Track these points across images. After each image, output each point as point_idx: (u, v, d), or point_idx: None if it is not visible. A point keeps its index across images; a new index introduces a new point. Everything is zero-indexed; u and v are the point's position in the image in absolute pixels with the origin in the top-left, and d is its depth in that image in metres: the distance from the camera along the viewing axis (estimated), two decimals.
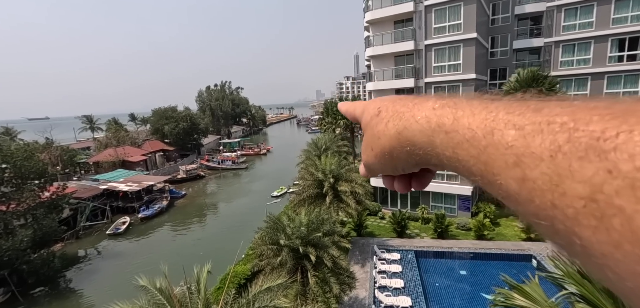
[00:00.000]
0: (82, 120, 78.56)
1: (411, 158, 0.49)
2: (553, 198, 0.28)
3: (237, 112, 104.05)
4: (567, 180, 0.27)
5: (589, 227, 0.26)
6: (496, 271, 18.62)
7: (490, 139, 0.35)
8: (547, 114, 0.31)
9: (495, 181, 0.34)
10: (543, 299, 6.29)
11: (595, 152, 0.26)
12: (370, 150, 0.57)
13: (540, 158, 0.30)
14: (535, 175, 0.30)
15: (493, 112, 0.37)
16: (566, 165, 0.27)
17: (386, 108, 0.54)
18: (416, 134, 0.46)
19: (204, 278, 9.40)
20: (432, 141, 0.43)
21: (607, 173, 0.25)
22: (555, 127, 0.30)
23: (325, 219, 16.02)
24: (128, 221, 34.67)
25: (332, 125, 36.80)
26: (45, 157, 36.53)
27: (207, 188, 50.01)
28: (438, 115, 0.43)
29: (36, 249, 24.13)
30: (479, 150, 0.36)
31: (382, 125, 0.53)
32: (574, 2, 25.01)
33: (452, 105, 0.42)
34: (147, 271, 10.14)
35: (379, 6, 26.62)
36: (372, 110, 0.57)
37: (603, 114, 0.28)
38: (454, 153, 0.40)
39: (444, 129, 0.41)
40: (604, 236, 0.25)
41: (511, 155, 0.32)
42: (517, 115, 0.34)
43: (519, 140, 0.32)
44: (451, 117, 0.41)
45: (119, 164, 49.60)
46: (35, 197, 25.49)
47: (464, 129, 0.38)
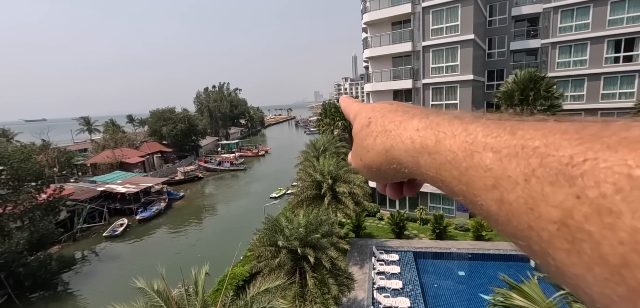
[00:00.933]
0: (80, 122, 78.25)
1: (398, 174, 0.50)
2: (529, 221, 0.29)
3: (236, 114, 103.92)
4: (541, 203, 0.28)
5: (562, 249, 0.27)
6: (494, 271, 18.66)
7: (470, 161, 0.36)
8: (521, 137, 0.32)
9: (476, 201, 0.35)
10: (541, 299, 6.30)
11: (565, 177, 0.27)
12: (359, 159, 0.57)
13: (516, 181, 0.31)
14: (511, 198, 0.31)
15: (472, 134, 0.37)
16: (539, 189, 0.28)
17: (376, 121, 0.54)
18: (402, 154, 0.47)
19: (202, 280, 9.36)
20: (417, 161, 0.44)
21: (576, 198, 0.26)
22: (529, 151, 0.31)
23: (324, 220, 16.00)
24: (126, 223, 34.51)
25: (330, 127, 36.81)
26: (42, 159, 36.33)
27: (205, 190, 49.88)
28: (421, 136, 0.44)
29: (33, 251, 23.97)
30: (460, 171, 0.37)
31: (371, 139, 0.53)
32: (570, 3, 25.16)
33: (435, 126, 0.43)
34: (145, 273, 10.09)
35: (376, 8, 26.69)
36: (363, 120, 0.58)
37: (572, 139, 0.28)
38: (437, 173, 0.41)
39: (427, 150, 0.42)
40: (575, 259, 0.26)
41: (490, 177, 0.33)
42: (494, 138, 0.35)
43: (496, 163, 0.33)
44: (433, 139, 0.42)
45: (116, 166, 49.42)
46: (32, 199, 25.32)
47: (446, 151, 0.39)
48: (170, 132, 62.15)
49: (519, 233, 0.31)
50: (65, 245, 30.55)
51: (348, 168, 23.32)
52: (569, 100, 26.23)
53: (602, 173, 0.25)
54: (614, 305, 0.24)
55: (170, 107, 67.26)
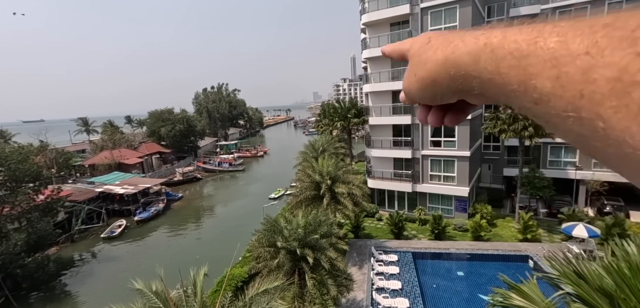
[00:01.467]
0: (78, 123, 78.04)
1: (453, 84, 0.52)
2: (582, 88, 0.32)
3: (234, 114, 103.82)
4: (597, 68, 0.31)
5: (611, 106, 0.30)
6: (493, 272, 18.71)
7: (532, 47, 0.38)
8: (591, 20, 0.35)
9: (530, 84, 0.38)
10: (541, 299, 6.31)
11: (628, 41, 0.29)
12: (413, 75, 0.60)
13: (576, 54, 0.33)
14: (569, 70, 0.33)
15: (541, 25, 0.40)
16: (599, 54, 0.31)
17: (436, 37, 0.57)
18: (463, 56, 0.48)
19: (201, 281, 9.35)
20: (477, 60, 0.46)
21: (636, 56, 0.28)
22: (597, 27, 0.33)
23: (323, 221, 15.99)
24: (124, 224, 34.41)
25: (329, 127, 36.79)
26: (40, 160, 36.17)
27: (204, 191, 49.79)
28: (487, 35, 0.46)
29: (31, 253, 23.87)
30: (519, 59, 0.39)
31: (431, 51, 0.55)
32: (568, 4, 25.32)
33: (502, 27, 0.45)
34: (143, 274, 10.06)
35: (375, 8, 26.74)
36: (422, 40, 0.60)
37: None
38: (496, 67, 0.43)
39: (490, 47, 0.44)
40: (623, 112, 0.29)
41: (549, 58, 0.36)
42: (562, 26, 0.37)
43: (559, 44, 0.35)
44: (500, 35, 0.44)
45: (114, 167, 49.30)
46: (30, 200, 25.23)
47: (510, 43, 0.41)
48: (169, 133, 62.05)
49: (570, 104, 0.33)
50: (63, 247, 30.43)
51: (347, 168, 23.33)
52: None
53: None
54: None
55: (168, 108, 67.16)
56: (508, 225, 24.70)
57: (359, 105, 37.06)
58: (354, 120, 35.12)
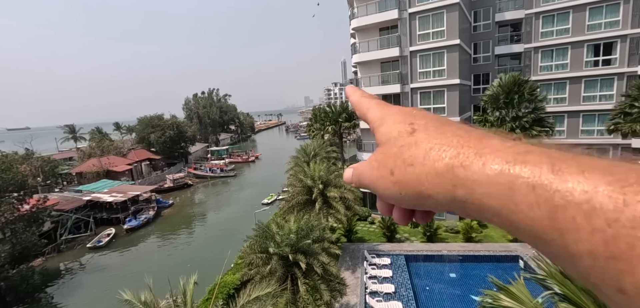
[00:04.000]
0: (64, 130, 76.34)
1: (453, 206, 0.38)
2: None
3: (225, 120, 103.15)
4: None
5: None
6: (485, 273, 18.86)
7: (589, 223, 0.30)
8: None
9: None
10: (528, 299, 6.41)
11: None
12: (389, 173, 0.44)
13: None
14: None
15: (587, 176, 0.31)
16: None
17: (426, 129, 0.43)
18: (487, 194, 0.35)
19: (191, 290, 9.21)
20: (510, 201, 0.34)
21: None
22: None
23: (315, 226, 15.96)
24: (113, 233, 33.72)
25: (320, 131, 36.84)
26: (25, 169, 35.24)
27: (195, 197, 49.21)
28: (521, 161, 0.34)
29: (15, 265, 23.13)
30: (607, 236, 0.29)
31: (421, 153, 0.41)
32: (551, 9, 25.97)
33: (548, 160, 0.33)
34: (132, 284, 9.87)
35: (364, 14, 27.01)
36: (401, 126, 0.46)
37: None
38: (560, 236, 0.31)
39: (531, 185, 0.33)
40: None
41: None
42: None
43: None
44: (549, 174, 0.32)
45: (103, 174, 48.33)
46: (14, 210, 24.51)
47: (569, 193, 0.31)
48: (159, 139, 61.20)
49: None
50: (49, 257, 29.63)
51: (338, 172, 23.36)
52: (552, 102, 26.97)
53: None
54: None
55: (158, 114, 66.34)
56: None
57: (350, 109, 37.24)
58: (345, 124, 35.27)
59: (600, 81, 25.47)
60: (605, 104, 25.09)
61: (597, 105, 25.69)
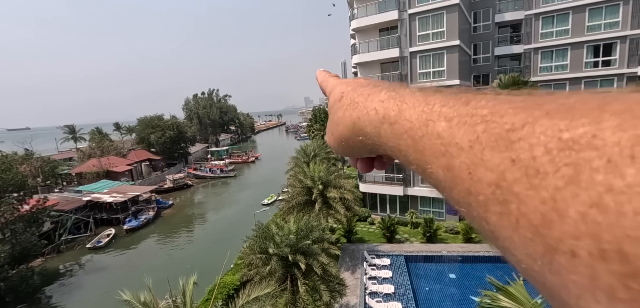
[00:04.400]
0: (64, 130, 76.34)
1: (364, 147, 0.51)
2: (469, 186, 0.30)
3: (225, 120, 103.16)
4: (480, 168, 0.29)
5: (494, 213, 0.28)
6: (484, 273, 18.86)
7: (424, 129, 0.37)
8: (473, 107, 0.33)
9: (427, 169, 0.37)
10: (527, 300, 6.42)
11: (504, 142, 0.28)
12: (331, 134, 0.59)
13: (461, 148, 0.32)
14: (456, 164, 0.32)
15: (430, 104, 0.38)
16: (480, 154, 0.30)
17: (347, 94, 0.55)
18: (367, 125, 0.47)
19: (190, 291, 9.22)
20: (379, 132, 0.45)
21: (511, 162, 0.27)
22: (477, 118, 0.31)
23: (315, 226, 15.98)
24: (112, 233, 33.71)
25: (320, 132, 36.90)
26: (24, 169, 35.26)
27: (195, 198, 49.21)
28: (385, 107, 0.44)
29: (14, 265, 23.16)
30: (415, 140, 0.38)
31: (341, 112, 0.54)
32: (551, 10, 25.99)
33: (398, 98, 0.43)
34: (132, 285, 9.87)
35: (364, 14, 27.04)
36: (337, 94, 0.59)
37: (516, 107, 0.29)
38: (396, 143, 0.42)
39: (389, 120, 0.43)
40: (505, 221, 0.27)
41: (440, 145, 0.34)
42: (449, 108, 0.35)
43: (446, 131, 0.34)
44: (396, 109, 0.42)
45: (103, 175, 48.35)
46: (14, 211, 24.53)
47: (405, 121, 0.40)
48: (159, 140, 61.21)
49: (462, 199, 0.32)
50: (48, 258, 29.62)
51: (338, 173, 23.39)
52: None
53: (535, 138, 0.26)
54: (535, 266, 0.25)
55: (158, 114, 66.36)
56: None
57: None
58: None
59: (600, 82, 25.47)
60: None
61: None
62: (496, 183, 0.28)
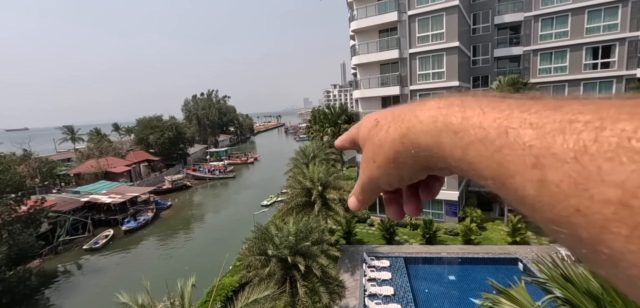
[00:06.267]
0: (63, 131, 76.10)
1: (417, 163, 0.46)
2: (578, 204, 0.26)
3: (224, 121, 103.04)
4: (594, 183, 0.25)
5: (619, 235, 0.23)
6: (484, 275, 18.83)
7: (504, 138, 0.32)
8: (568, 112, 0.29)
9: (509, 184, 0.32)
10: (529, 303, 6.35)
11: (628, 152, 0.24)
12: (373, 162, 0.52)
13: (563, 159, 0.27)
14: (557, 178, 0.27)
15: (505, 110, 0.34)
16: (594, 167, 0.25)
17: (384, 116, 0.51)
18: (420, 135, 0.43)
19: (189, 293, 9.14)
20: (439, 142, 0.40)
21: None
22: (579, 125, 0.27)
23: (314, 228, 15.91)
24: (111, 234, 33.55)
25: (319, 133, 36.82)
26: (22, 170, 35.09)
27: (194, 199, 49.06)
28: (444, 114, 0.40)
29: (12, 266, 23.00)
30: (492, 150, 0.33)
31: (383, 132, 0.50)
32: (550, 12, 26.03)
33: (459, 103, 0.39)
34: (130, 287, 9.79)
35: (364, 16, 27.03)
36: (369, 124, 0.54)
37: (633, 112, 0.25)
38: (464, 154, 0.37)
39: (452, 128, 0.38)
40: (637, 246, 0.23)
41: (529, 156, 0.30)
42: (533, 114, 0.31)
43: (537, 140, 0.29)
44: (459, 115, 0.38)
45: (101, 175, 48.15)
46: (11, 212, 24.38)
47: (475, 128, 0.35)
48: (158, 140, 61.05)
49: (563, 219, 0.27)
50: (46, 259, 29.45)
51: (338, 174, 23.33)
52: None
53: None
54: None
55: (157, 115, 66.23)
56: (497, 228, 25.01)
57: (349, 111, 37.29)
58: (344, 126, 35.24)
59: (599, 84, 25.50)
60: None
61: None
62: (622, 201, 0.23)
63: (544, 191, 0.28)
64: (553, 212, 0.28)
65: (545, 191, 0.28)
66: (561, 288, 5.35)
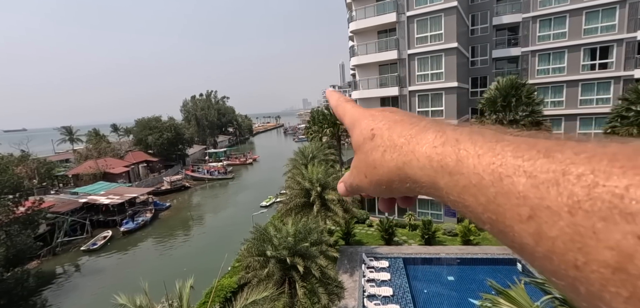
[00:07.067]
0: (61, 132, 75.90)
1: (412, 193, 0.46)
2: (575, 260, 0.25)
3: (223, 122, 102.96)
4: (590, 242, 0.24)
5: (618, 296, 0.23)
6: (483, 276, 18.87)
7: (499, 186, 0.31)
8: (561, 162, 0.28)
9: (507, 232, 0.31)
10: (528, 303, 6.37)
11: (621, 213, 0.23)
12: (364, 176, 0.52)
13: (557, 214, 0.26)
14: (553, 233, 0.26)
15: (500, 154, 0.32)
16: (589, 225, 0.24)
17: (381, 134, 0.49)
18: (417, 172, 0.42)
19: (187, 294, 9.12)
20: (434, 182, 0.39)
21: (637, 239, 0.22)
22: (572, 178, 0.26)
23: (313, 228, 15.89)
24: (109, 235, 33.46)
25: (318, 134, 36.79)
26: (20, 171, 34.98)
27: (193, 200, 48.98)
28: (439, 153, 0.39)
29: (9, 268, 22.89)
30: (488, 198, 0.32)
31: (378, 154, 0.48)
32: (548, 13, 26.11)
33: (454, 143, 0.38)
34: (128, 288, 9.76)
35: (362, 17, 27.06)
36: (365, 132, 0.52)
37: (625, 167, 0.24)
38: (459, 197, 0.36)
39: (447, 170, 0.37)
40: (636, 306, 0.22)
41: (524, 207, 0.29)
42: (527, 161, 0.30)
43: (531, 191, 0.28)
44: (454, 157, 0.37)
45: (100, 176, 48.03)
46: (9, 213, 24.29)
47: (470, 173, 0.34)
48: (156, 141, 60.96)
49: (562, 272, 0.26)
50: (44, 260, 29.35)
51: (336, 175, 23.30)
52: (549, 106, 27.07)
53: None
54: None
55: (156, 115, 66.14)
56: None
57: None
58: (343, 127, 35.11)
59: (597, 84, 25.59)
60: (602, 107, 25.19)
61: (594, 108, 25.79)
62: (618, 264, 0.22)
63: (542, 243, 0.28)
64: (552, 265, 0.27)
65: (543, 244, 0.28)
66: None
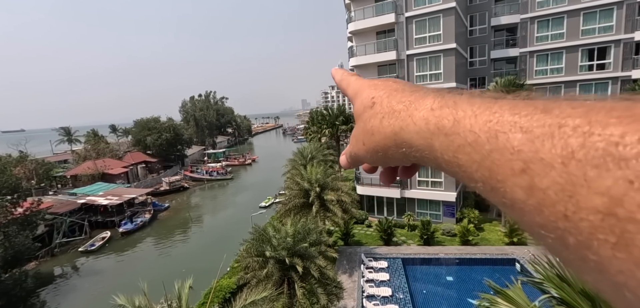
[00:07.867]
0: (60, 132, 75.68)
1: (407, 159, 0.46)
2: (565, 210, 0.26)
3: (222, 122, 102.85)
4: (581, 190, 0.25)
5: (606, 242, 0.23)
6: (481, 276, 18.91)
7: (494, 142, 0.32)
8: (558, 116, 0.28)
9: (499, 188, 0.31)
10: (526, 303, 6.39)
11: (614, 159, 0.23)
12: (362, 144, 0.53)
13: (550, 165, 0.27)
14: (545, 184, 0.27)
15: (497, 112, 0.33)
16: (580, 173, 0.25)
17: (381, 101, 0.51)
18: (413, 136, 0.43)
19: (186, 295, 9.12)
20: (430, 144, 0.40)
21: (628, 183, 0.22)
22: (567, 130, 0.27)
23: (312, 229, 15.91)
24: (107, 236, 33.39)
25: (317, 134, 36.80)
26: (19, 171, 34.89)
27: (192, 200, 48.91)
28: (437, 116, 0.40)
29: (7, 269, 22.84)
30: (482, 154, 0.33)
31: (377, 121, 0.49)
32: (546, 14, 26.22)
33: (452, 105, 0.39)
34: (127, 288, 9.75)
35: (361, 17, 27.12)
36: (366, 101, 0.54)
37: (622, 117, 0.25)
38: (454, 157, 0.37)
39: (443, 131, 0.38)
40: (623, 253, 0.22)
41: (518, 161, 0.29)
42: (524, 117, 0.31)
43: (526, 145, 0.29)
44: (451, 118, 0.38)
45: (98, 177, 47.94)
46: (7, 213, 24.22)
47: (466, 132, 0.35)
48: (155, 142, 60.87)
49: (551, 224, 0.27)
50: (43, 261, 29.27)
51: (336, 175, 23.33)
52: None
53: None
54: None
55: (155, 116, 66.06)
56: (495, 229, 25.09)
57: (347, 112, 37.29)
58: (342, 127, 35.28)
59: (594, 85, 25.71)
60: None
61: None
62: (607, 210, 0.23)
63: (533, 196, 0.28)
64: (541, 217, 0.27)
65: (534, 196, 0.28)
66: (557, 288, 5.39)
